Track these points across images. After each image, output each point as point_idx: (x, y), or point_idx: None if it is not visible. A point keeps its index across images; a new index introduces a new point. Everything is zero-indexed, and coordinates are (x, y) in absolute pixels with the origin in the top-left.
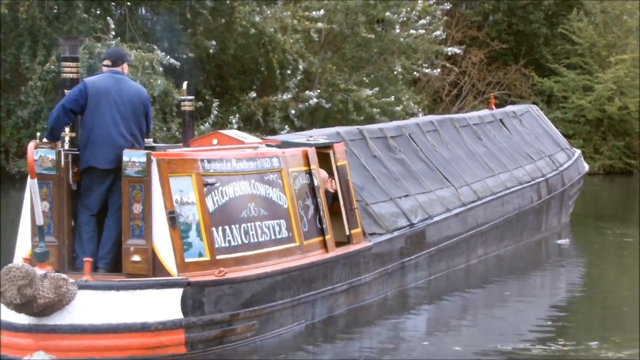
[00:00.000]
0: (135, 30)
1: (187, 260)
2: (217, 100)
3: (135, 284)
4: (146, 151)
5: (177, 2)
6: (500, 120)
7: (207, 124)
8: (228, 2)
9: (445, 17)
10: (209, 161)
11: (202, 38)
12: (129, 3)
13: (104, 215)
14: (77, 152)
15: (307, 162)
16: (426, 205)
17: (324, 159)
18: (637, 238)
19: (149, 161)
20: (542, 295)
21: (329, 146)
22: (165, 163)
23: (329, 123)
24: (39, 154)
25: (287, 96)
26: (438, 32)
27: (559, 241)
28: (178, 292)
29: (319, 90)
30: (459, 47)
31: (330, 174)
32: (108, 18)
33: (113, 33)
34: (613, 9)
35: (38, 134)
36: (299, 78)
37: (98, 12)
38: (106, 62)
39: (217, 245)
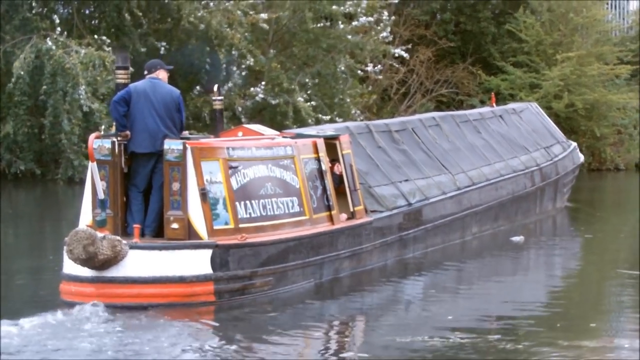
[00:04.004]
0: (83, 28)
1: (215, 227)
2: None
3: (174, 245)
4: (182, 140)
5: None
6: (500, 116)
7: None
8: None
9: (393, 17)
10: (233, 149)
11: (151, 39)
12: (76, 2)
13: (149, 192)
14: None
15: (317, 151)
16: (424, 188)
17: (332, 148)
18: (595, 235)
19: (184, 149)
20: (490, 285)
21: (335, 137)
22: (197, 150)
23: (276, 121)
24: (98, 143)
25: (229, 85)
26: (385, 34)
27: (513, 238)
28: (208, 253)
29: (263, 84)
30: (406, 47)
31: (338, 161)
32: (54, 16)
33: (59, 29)
34: (559, 7)
35: (102, 127)
36: (244, 74)
37: (44, 11)
38: (146, 71)
39: (240, 216)
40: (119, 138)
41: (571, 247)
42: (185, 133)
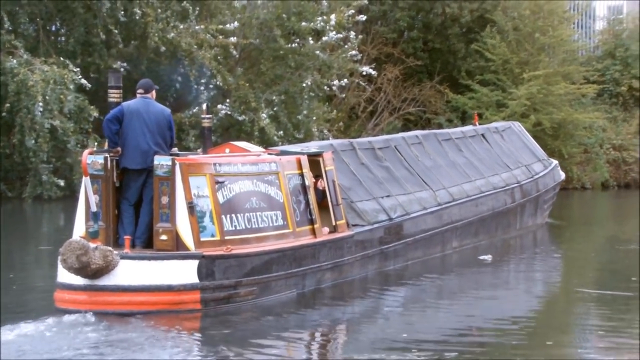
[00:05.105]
0: (50, 45)
1: (202, 239)
2: None
3: (163, 255)
4: (171, 156)
5: (92, 17)
6: (482, 135)
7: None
8: (141, 17)
9: (360, 36)
10: (220, 165)
11: (113, 59)
12: (39, 19)
13: (140, 205)
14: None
15: (300, 167)
16: (405, 204)
17: (315, 164)
18: (567, 253)
19: (173, 164)
20: (460, 301)
21: (319, 154)
22: (186, 166)
23: (243, 139)
24: (91, 159)
25: (197, 109)
26: (354, 52)
27: (482, 257)
28: (195, 263)
29: (228, 102)
30: (373, 66)
31: (321, 176)
32: (17, 41)
33: (20, 45)
34: (525, 26)
35: (95, 143)
36: (212, 93)
37: (10, 27)
38: (139, 90)
39: (225, 229)
40: (110, 154)
41: (544, 264)
42: (175, 150)
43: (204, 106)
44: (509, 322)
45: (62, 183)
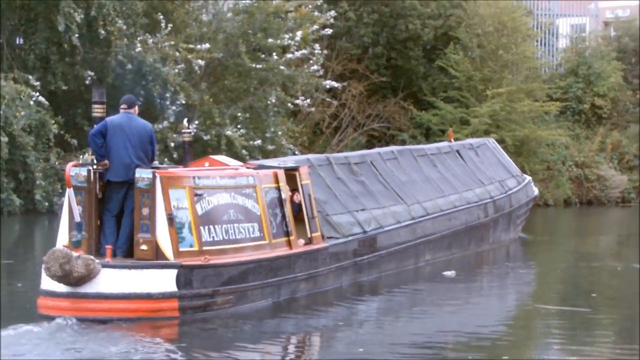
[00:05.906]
0: (13, 59)
1: (181, 249)
2: None
3: (143, 265)
4: (152, 170)
5: (55, 32)
6: (457, 151)
7: (85, 155)
8: (103, 36)
9: (325, 51)
10: (199, 178)
11: (80, 68)
12: (5, 32)
13: (121, 216)
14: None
15: (277, 181)
16: (379, 217)
17: (292, 178)
18: (534, 269)
19: (154, 177)
20: (425, 313)
21: (295, 169)
22: (166, 179)
23: (208, 154)
24: (75, 171)
25: (164, 124)
26: (316, 67)
27: (445, 272)
28: (174, 272)
29: (197, 122)
30: (339, 81)
31: (297, 190)
32: None
33: None
34: (489, 43)
35: (81, 156)
36: (178, 109)
37: None
38: (123, 106)
39: (204, 240)
40: (98, 167)
41: (513, 278)
42: (156, 163)
43: (185, 121)
44: (470, 335)
45: (17, 202)
